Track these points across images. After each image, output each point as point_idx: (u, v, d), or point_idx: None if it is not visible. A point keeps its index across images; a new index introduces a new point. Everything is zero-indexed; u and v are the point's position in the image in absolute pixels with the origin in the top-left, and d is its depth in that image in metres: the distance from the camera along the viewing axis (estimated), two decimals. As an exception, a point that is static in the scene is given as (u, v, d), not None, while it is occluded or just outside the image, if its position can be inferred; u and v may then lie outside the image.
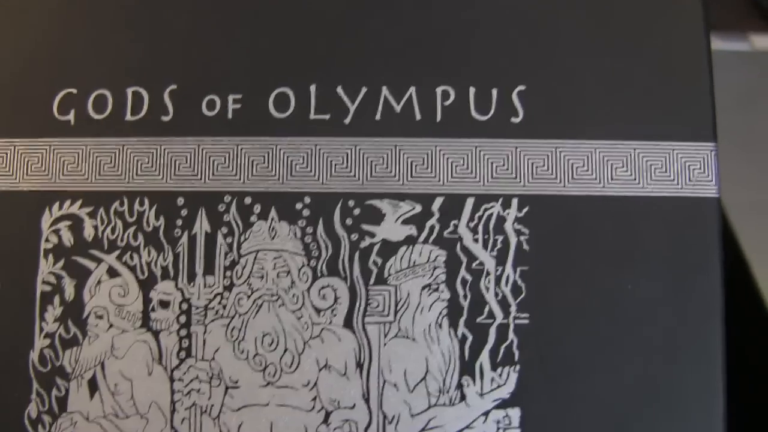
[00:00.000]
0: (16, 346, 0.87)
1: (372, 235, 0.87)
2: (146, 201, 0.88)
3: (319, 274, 0.86)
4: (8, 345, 0.88)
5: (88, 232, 0.88)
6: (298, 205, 0.87)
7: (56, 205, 0.89)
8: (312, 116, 0.88)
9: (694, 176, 0.87)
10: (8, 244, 0.89)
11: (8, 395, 0.87)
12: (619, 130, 0.87)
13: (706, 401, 0.85)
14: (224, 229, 0.87)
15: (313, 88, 0.88)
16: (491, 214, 0.86)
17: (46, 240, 0.89)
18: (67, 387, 0.87)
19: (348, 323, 0.86)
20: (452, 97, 0.88)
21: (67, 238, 0.89)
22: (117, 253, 0.88)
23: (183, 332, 0.86)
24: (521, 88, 0.87)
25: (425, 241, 0.86)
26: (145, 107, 0.89)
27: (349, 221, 0.87)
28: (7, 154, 0.90)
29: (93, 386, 0.87)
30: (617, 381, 0.84)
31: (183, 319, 0.87)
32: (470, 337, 0.85)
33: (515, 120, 0.87)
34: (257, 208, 0.87)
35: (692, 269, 0.85)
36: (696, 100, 0.90)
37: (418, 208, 0.86)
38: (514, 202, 0.86)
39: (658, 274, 0.85)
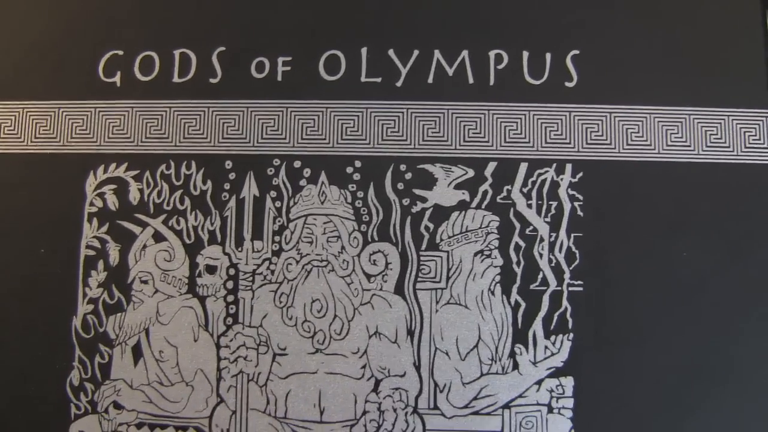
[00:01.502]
0: (59, 312, 0.82)
1: (424, 199, 0.81)
2: (193, 164, 0.82)
3: (369, 239, 0.81)
4: (50, 311, 0.82)
5: (134, 196, 0.82)
6: (349, 169, 0.81)
7: (101, 169, 0.83)
8: (363, 79, 0.82)
9: (750, 143, 0.81)
10: (51, 208, 0.83)
11: (50, 362, 0.81)
12: (674, 96, 0.81)
13: (760, 371, 0.78)
14: (273, 193, 0.81)
15: (364, 50, 0.82)
16: (545, 180, 0.80)
17: (90, 204, 0.83)
18: (110, 354, 0.82)
19: (399, 289, 0.80)
20: (505, 61, 0.82)
21: (112, 202, 0.83)
22: (163, 217, 0.82)
23: (230, 298, 0.81)
24: (575, 52, 0.82)
25: (478, 206, 0.80)
26: (193, 69, 0.83)
27: (400, 185, 0.81)
28: (51, 116, 0.84)
29: (137, 353, 0.81)
30: (671, 350, 0.78)
31: (230, 284, 0.81)
32: (523, 305, 0.79)
33: (569, 84, 0.81)
34: (307, 172, 0.81)
35: (748, 237, 0.80)
36: (752, 66, 0.85)
37: (471, 173, 0.81)
38: (568, 167, 0.81)
39: (713, 242, 0.80)
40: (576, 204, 0.81)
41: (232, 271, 0.81)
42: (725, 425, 0.79)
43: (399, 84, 0.83)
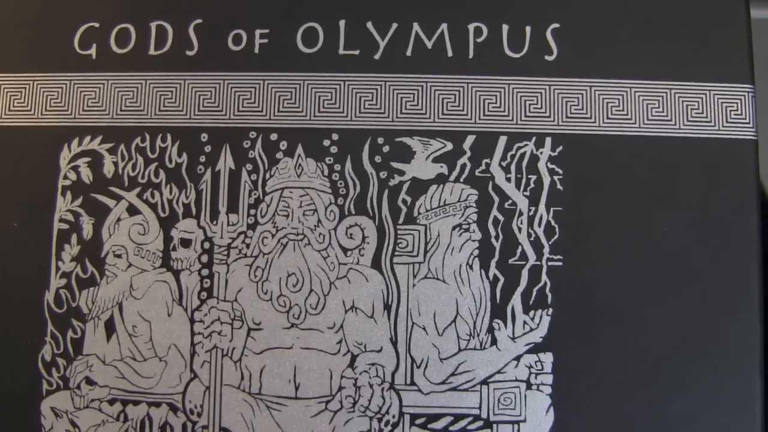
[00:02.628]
0: (31, 286, 0.77)
1: (401, 173, 0.76)
2: (169, 137, 0.78)
3: (346, 213, 0.76)
4: (22, 285, 0.77)
5: (108, 169, 0.78)
6: (326, 142, 0.77)
7: (75, 141, 0.78)
8: (341, 51, 0.78)
9: (732, 118, 0.77)
10: (25, 181, 0.78)
11: (22, 338, 0.77)
12: (654, 71, 0.77)
13: (742, 347, 0.74)
14: (249, 166, 0.77)
15: (342, 23, 0.78)
16: (524, 153, 0.76)
17: (64, 177, 0.78)
18: (83, 329, 0.77)
19: (376, 263, 0.76)
20: (485, 34, 0.78)
21: (86, 175, 0.78)
22: (137, 190, 0.78)
23: (205, 272, 0.76)
24: (556, 25, 0.78)
25: (456, 179, 0.76)
26: (169, 41, 0.79)
27: (378, 159, 0.77)
28: (25, 89, 0.79)
29: (110, 328, 0.77)
30: (652, 326, 0.74)
31: (205, 258, 0.76)
32: (502, 279, 0.75)
33: (549, 58, 0.77)
34: (283, 145, 0.77)
35: (729, 212, 0.76)
36: (733, 41, 0.81)
37: (449, 146, 0.77)
38: (548, 141, 0.76)
39: (694, 217, 0.76)
40: (555, 178, 0.77)
41: (206, 245, 0.77)
42: (707, 401, 0.76)
43: (377, 57, 0.78)
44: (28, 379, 0.77)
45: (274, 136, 0.78)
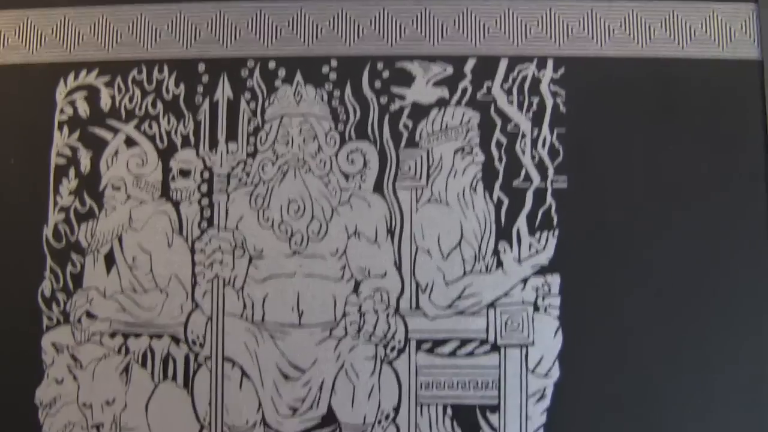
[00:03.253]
0: (29, 222, 0.75)
1: (402, 97, 0.74)
2: (165, 68, 0.75)
3: (347, 139, 0.74)
4: (21, 222, 0.75)
5: (105, 102, 0.76)
6: (325, 69, 0.74)
7: (71, 76, 0.76)
8: None
9: (736, 37, 0.74)
10: (21, 118, 0.76)
11: (21, 274, 0.75)
12: None
13: (751, 267, 0.72)
14: (247, 95, 0.74)
15: None
16: (526, 76, 0.74)
17: (61, 111, 0.76)
18: (82, 262, 0.75)
19: (378, 188, 0.74)
20: None
21: (83, 109, 0.76)
22: (135, 122, 0.75)
23: (204, 201, 0.74)
24: None
25: (458, 103, 0.74)
26: None
27: (377, 84, 0.74)
28: (19, 25, 0.77)
29: (110, 261, 0.75)
30: (659, 245, 0.72)
31: (204, 188, 0.74)
32: (506, 201, 0.73)
33: None
34: (282, 73, 0.74)
35: (733, 133, 0.73)
36: None
37: (450, 70, 0.74)
38: (550, 63, 0.74)
39: (699, 137, 0.73)
40: (558, 100, 0.74)
41: (206, 175, 0.74)
42: (716, 321, 0.74)
43: (375, -19, 0.78)
44: (28, 315, 0.74)
45: (272, 65, 0.75)
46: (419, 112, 0.74)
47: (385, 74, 0.74)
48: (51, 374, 0.75)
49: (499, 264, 0.73)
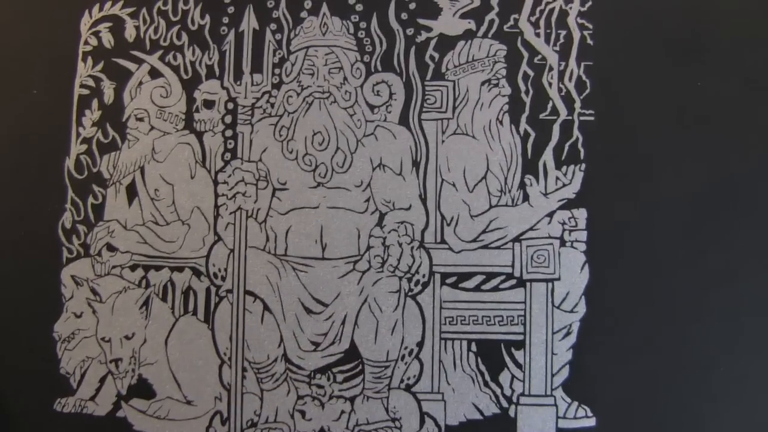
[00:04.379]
0: (51, 153, 0.72)
1: (428, 29, 0.71)
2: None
3: (372, 70, 0.71)
4: (42, 153, 0.72)
5: (130, 33, 0.73)
6: (351, 0, 0.72)
7: (96, 7, 0.73)
8: None
9: None
10: (45, 48, 0.73)
11: (42, 205, 0.72)
12: None
13: None
14: (273, 26, 0.71)
15: None
16: (553, 9, 0.70)
17: (85, 43, 0.73)
18: (104, 194, 0.72)
19: (404, 120, 0.70)
20: None
21: (107, 40, 0.73)
22: (159, 53, 0.72)
23: (228, 133, 0.71)
24: None
25: (485, 35, 0.71)
26: None
27: (404, 15, 0.71)
28: None
29: (132, 192, 0.72)
30: (687, 177, 0.69)
31: (228, 119, 0.71)
32: (533, 134, 0.70)
33: None
34: (308, 4, 0.71)
35: (764, 64, 0.70)
36: None
37: (477, 2, 0.71)
38: None
39: (728, 71, 0.70)
40: (585, 33, 0.70)
41: (230, 106, 0.71)
42: (747, 254, 0.72)
43: None
44: (48, 248, 0.71)
45: (298, -4, 0.74)
46: (445, 44, 0.71)
47: (412, 6, 0.71)
48: (70, 308, 0.71)
49: (526, 197, 0.70)
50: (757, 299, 0.70)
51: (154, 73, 0.73)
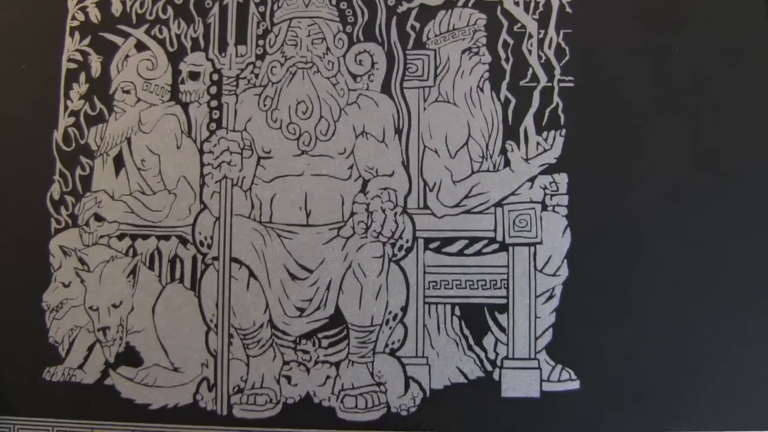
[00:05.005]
0: (39, 126, 0.72)
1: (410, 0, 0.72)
2: None
3: (355, 40, 0.71)
4: (30, 125, 0.73)
5: (116, 8, 0.73)
6: None
7: None
8: None
9: None
10: (32, 23, 0.74)
11: (30, 178, 0.72)
12: None
13: (765, 165, 0.70)
14: None
15: None
16: None
17: (72, 18, 0.73)
18: (91, 165, 0.72)
19: (386, 88, 0.71)
20: None
21: (94, 15, 0.73)
22: (146, 27, 0.73)
23: (213, 103, 0.71)
24: None
25: (465, 4, 0.71)
26: None
27: None
28: None
29: (119, 163, 0.72)
30: (667, 143, 0.69)
31: (213, 89, 0.71)
32: (513, 101, 0.70)
33: None
34: None
35: (745, 36, 0.71)
36: None
37: None
38: None
39: (708, 39, 0.70)
40: (564, 1, 0.70)
41: (215, 77, 0.71)
42: (725, 222, 0.71)
43: None
44: (37, 219, 0.71)
45: (281, -31, 0.74)
46: (426, 13, 0.71)
47: (393, -23, 0.73)
48: (58, 278, 0.71)
49: (507, 163, 0.70)
50: (738, 264, 0.70)
51: (141, 47, 0.74)
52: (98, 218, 0.72)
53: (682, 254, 0.69)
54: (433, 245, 0.70)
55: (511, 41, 0.71)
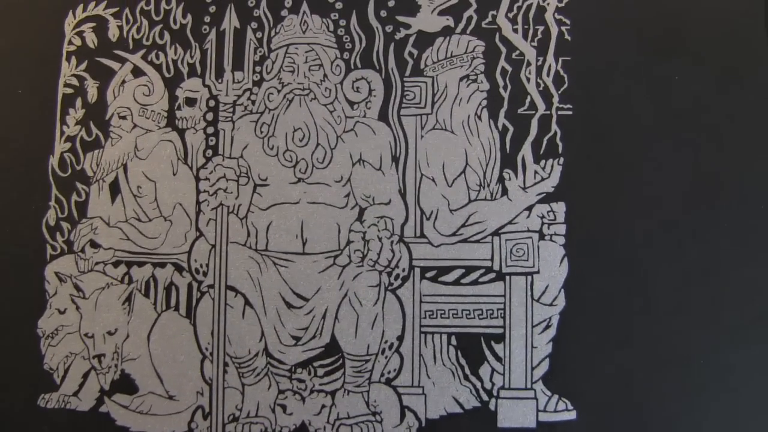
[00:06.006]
0: (35, 152, 0.71)
1: (407, 26, 0.70)
2: None
3: (352, 67, 0.70)
4: (26, 151, 0.71)
5: (113, 33, 0.72)
6: None
7: (80, 7, 0.72)
8: None
9: None
10: (29, 48, 0.72)
11: (26, 203, 0.71)
12: None
13: (763, 189, 0.69)
14: (254, 24, 0.70)
15: None
16: (531, 5, 0.70)
17: (69, 42, 0.72)
18: (87, 191, 0.70)
19: (383, 116, 0.69)
20: None
21: (91, 40, 0.72)
22: (142, 52, 0.71)
23: (210, 130, 0.70)
24: None
25: (463, 31, 0.70)
26: None
27: (383, 13, 0.70)
28: None
29: (115, 190, 0.70)
30: (665, 175, 0.68)
31: (210, 116, 0.70)
32: (511, 129, 0.68)
33: None
34: (288, 2, 0.70)
35: (741, 61, 0.69)
36: None
37: None
38: None
39: (705, 66, 0.69)
40: (563, 28, 0.69)
41: (212, 103, 0.69)
42: (726, 248, 0.70)
43: None
44: (32, 245, 0.70)
45: (278, -5, 0.73)
46: (424, 40, 0.70)
47: (391, 3, 0.70)
48: (53, 304, 0.70)
49: (504, 191, 0.69)
50: (736, 293, 0.68)
51: (137, 72, 0.72)
52: (94, 245, 0.71)
53: (680, 283, 0.68)
54: (429, 274, 0.69)
55: (509, 68, 0.70)
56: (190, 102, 0.71)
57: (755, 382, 0.68)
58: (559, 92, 0.69)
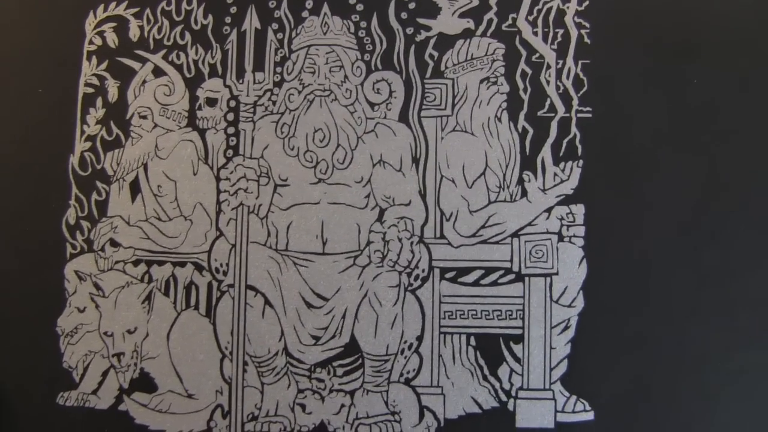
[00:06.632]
0: (55, 150, 0.71)
1: (428, 28, 0.69)
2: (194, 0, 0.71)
3: (373, 68, 0.69)
4: (47, 150, 0.71)
5: (134, 33, 0.71)
6: (352, 0, 0.71)
7: (101, 8, 0.72)
8: None
9: None
10: (50, 48, 0.72)
11: (46, 202, 0.70)
12: None
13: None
14: (275, 25, 0.70)
15: None
16: (551, 8, 0.69)
17: (90, 42, 0.71)
18: (107, 191, 0.70)
19: (403, 117, 0.69)
20: None
21: (112, 40, 0.71)
22: (163, 52, 0.71)
23: (230, 130, 0.69)
24: None
25: (483, 34, 0.69)
26: None
27: (404, 15, 0.70)
28: None
29: (135, 189, 0.70)
30: (682, 176, 0.68)
31: (231, 116, 0.69)
32: (531, 131, 0.68)
33: None
34: (309, 3, 0.70)
35: (759, 65, 0.69)
36: None
37: (476, 1, 0.70)
38: None
39: (724, 69, 0.69)
40: (583, 32, 0.68)
41: (232, 103, 0.69)
42: (746, 251, 0.70)
43: None
44: (52, 243, 0.69)
45: (299, -4, 0.72)
46: (445, 42, 0.70)
47: (412, 5, 0.70)
48: (73, 303, 0.69)
49: (524, 193, 0.69)
50: (752, 294, 0.68)
51: (158, 72, 0.72)
52: (114, 244, 0.70)
53: (697, 285, 0.68)
54: (449, 275, 0.68)
55: (529, 71, 0.70)
56: (211, 102, 0.71)
57: (771, 383, 0.68)
58: (579, 95, 0.69)
